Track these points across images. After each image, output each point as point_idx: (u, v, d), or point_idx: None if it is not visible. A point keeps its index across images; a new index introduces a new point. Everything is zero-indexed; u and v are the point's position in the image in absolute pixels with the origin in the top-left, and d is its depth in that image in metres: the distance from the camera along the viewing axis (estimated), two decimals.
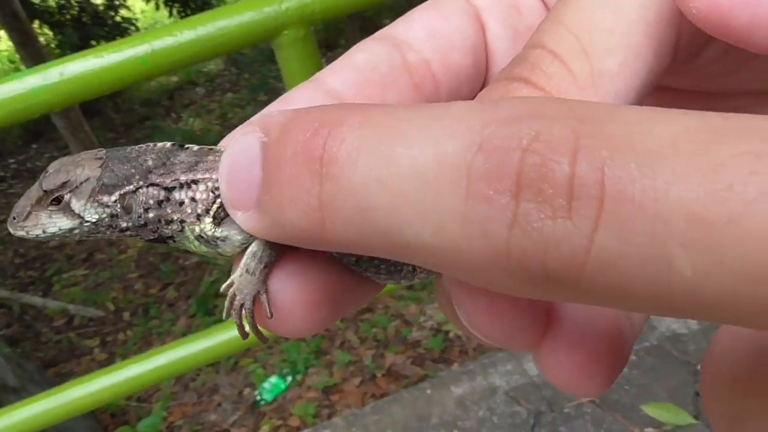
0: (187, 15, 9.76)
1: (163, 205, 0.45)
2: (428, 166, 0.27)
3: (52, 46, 10.06)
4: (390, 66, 0.45)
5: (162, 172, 0.45)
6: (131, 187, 0.45)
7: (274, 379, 4.51)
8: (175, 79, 11.75)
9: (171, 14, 10.23)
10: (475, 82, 0.48)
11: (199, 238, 0.46)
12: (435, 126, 0.28)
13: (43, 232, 0.47)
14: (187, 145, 0.47)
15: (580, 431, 2.38)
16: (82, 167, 0.46)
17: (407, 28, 0.47)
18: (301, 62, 1.37)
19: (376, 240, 0.30)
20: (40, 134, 10.21)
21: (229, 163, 0.37)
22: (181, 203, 0.45)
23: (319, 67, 1.41)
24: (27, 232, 0.47)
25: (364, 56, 0.46)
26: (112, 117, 10.75)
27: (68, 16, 9.38)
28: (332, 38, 10.70)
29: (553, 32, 0.35)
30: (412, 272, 0.47)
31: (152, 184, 0.45)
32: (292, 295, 0.40)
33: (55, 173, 0.46)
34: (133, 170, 0.45)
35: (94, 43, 8.86)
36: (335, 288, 0.42)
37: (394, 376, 4.30)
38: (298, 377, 4.50)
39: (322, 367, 4.52)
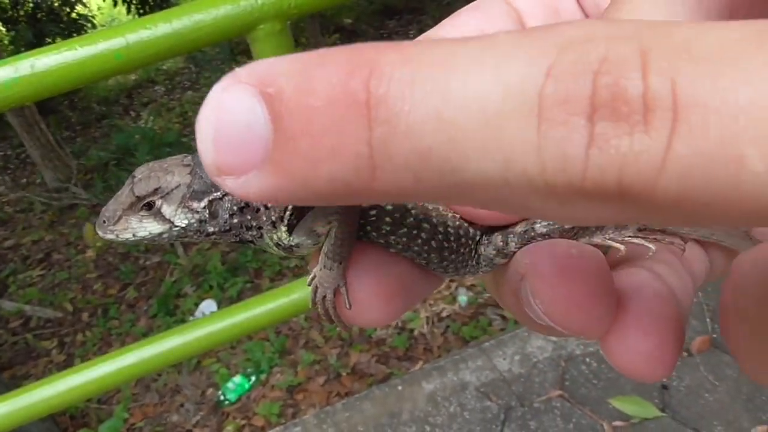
0: (145, 12, 9.61)
1: (244, 212, 0.47)
2: (491, 97, 0.26)
3: (5, 42, 9.83)
4: None
5: None
6: (219, 193, 0.46)
7: (237, 378, 4.47)
8: (133, 77, 11.57)
9: (129, 11, 10.07)
10: None
11: (277, 245, 0.48)
12: (488, 56, 0.27)
13: (134, 235, 0.48)
14: None
15: (550, 425, 2.41)
16: (172, 174, 0.47)
17: (456, 28, 0.47)
18: (277, 56, 1.37)
19: (434, 183, 0.28)
20: None
21: (213, 123, 0.31)
22: (257, 210, 0.46)
23: None
24: (117, 236, 0.49)
25: None
26: (69, 115, 10.54)
27: (22, 13, 9.17)
28: (293, 36, 10.64)
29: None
30: (476, 266, 0.48)
31: None
32: (369, 289, 0.42)
33: (146, 179, 0.47)
34: None
35: (49, 40, 8.67)
36: (405, 282, 0.43)
37: (358, 374, 4.30)
38: (262, 377, 4.48)
39: (287, 367, 4.50)
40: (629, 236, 0.46)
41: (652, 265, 0.44)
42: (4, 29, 9.62)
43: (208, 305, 5.23)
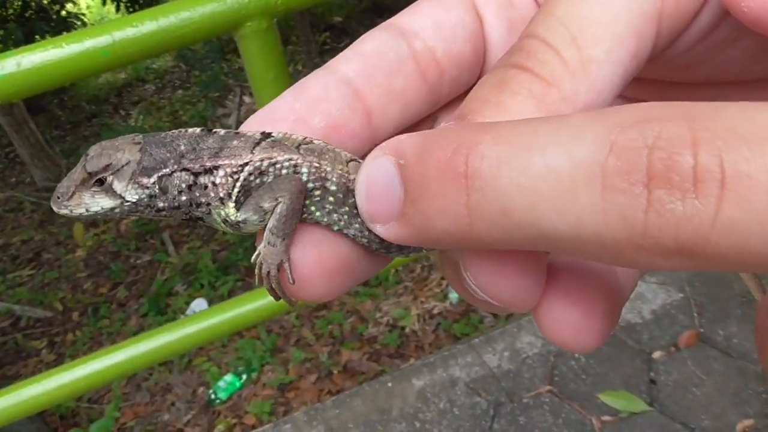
0: (135, 10, 9.56)
1: (192, 189, 0.49)
2: (563, 169, 0.32)
3: None
4: (397, 54, 0.49)
5: (192, 157, 0.49)
6: (167, 170, 0.49)
7: (228, 377, 4.47)
8: (123, 75, 11.52)
9: (118, 10, 10.02)
10: (475, 69, 0.52)
11: (224, 221, 0.50)
12: (562, 135, 0.32)
13: (87, 210, 0.51)
14: (215, 130, 0.50)
15: (539, 420, 2.43)
16: (123, 151, 0.49)
17: (413, 18, 0.50)
18: (264, 54, 1.37)
19: (517, 236, 0.34)
20: None
21: (366, 184, 0.41)
22: (206, 187, 0.48)
23: (283, 59, 1.41)
24: (71, 211, 0.51)
25: (373, 45, 0.49)
26: (58, 114, 10.50)
27: (11, 11, 9.11)
28: (283, 34, 10.62)
29: (546, 24, 0.40)
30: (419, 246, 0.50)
31: (184, 169, 0.49)
32: (311, 264, 0.45)
33: (97, 156, 0.49)
34: (168, 154, 0.49)
35: (38, 38, 8.62)
36: (347, 259, 0.47)
37: (350, 372, 4.31)
38: (254, 375, 4.48)
39: (278, 365, 4.50)
40: None
41: None
42: None
43: (199, 304, 5.22)
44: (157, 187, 0.49)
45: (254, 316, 1.80)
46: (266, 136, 0.47)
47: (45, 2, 9.44)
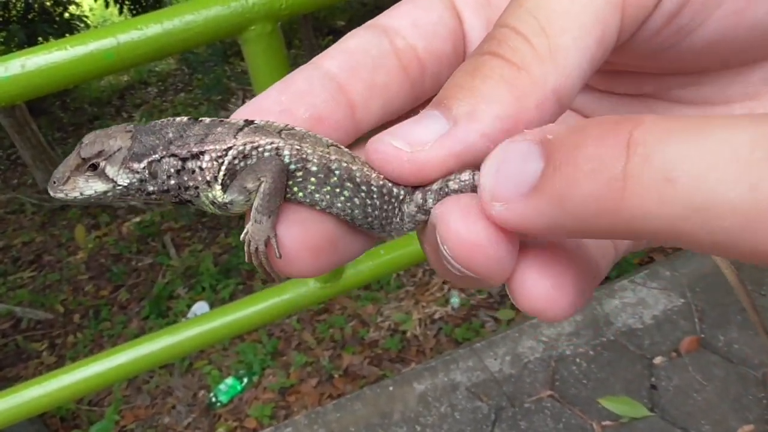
0: (138, 13, 9.59)
1: (180, 174, 0.52)
2: (741, 142, 0.31)
3: None
4: (379, 50, 0.50)
5: (179, 143, 0.51)
6: (156, 156, 0.51)
7: (229, 380, 4.47)
8: (125, 78, 11.55)
9: (121, 12, 10.04)
10: (455, 66, 0.52)
11: (212, 203, 0.52)
12: (728, 122, 0.32)
13: (81, 194, 0.54)
14: (201, 119, 0.53)
15: (540, 425, 2.42)
16: (115, 138, 0.53)
17: (394, 18, 0.52)
18: (268, 57, 1.37)
19: (676, 207, 0.33)
20: None
21: (498, 160, 0.40)
22: (193, 171, 0.51)
23: (286, 62, 1.41)
24: (66, 194, 0.54)
25: (356, 42, 0.51)
26: (60, 116, 10.51)
27: (13, 12, 9.12)
28: (286, 38, 10.64)
29: (516, 14, 0.42)
30: (400, 224, 0.52)
31: (172, 155, 0.51)
32: (297, 241, 0.47)
33: (91, 144, 0.53)
34: (157, 141, 0.51)
35: (41, 40, 8.63)
36: (331, 236, 0.48)
37: (351, 376, 4.30)
38: (254, 378, 4.47)
39: (279, 368, 4.49)
40: None
41: None
42: None
43: (201, 307, 5.22)
44: (147, 172, 0.52)
45: (256, 319, 1.80)
46: (249, 123, 0.50)
47: (48, 4, 9.46)
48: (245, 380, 4.46)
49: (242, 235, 0.50)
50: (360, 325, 4.71)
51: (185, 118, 0.53)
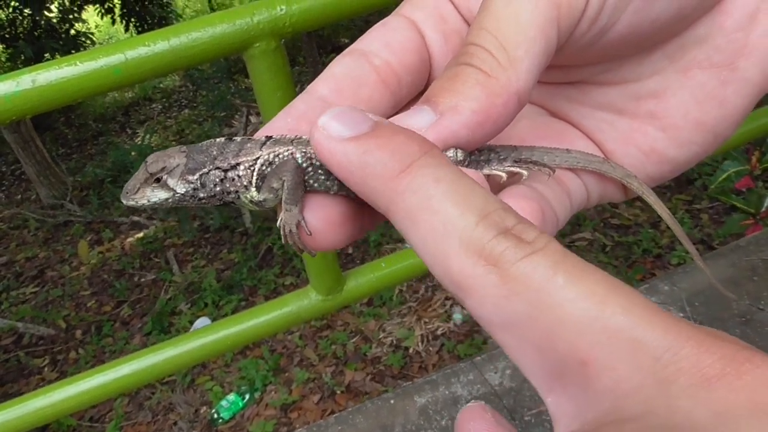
0: (144, 30, 9.66)
1: (223, 182, 0.65)
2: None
3: (2, 59, 9.87)
4: (360, 70, 0.61)
5: (221, 158, 0.65)
6: (206, 169, 0.65)
7: (231, 396, 4.46)
8: (130, 94, 11.62)
9: (127, 29, 10.13)
10: (424, 75, 0.65)
11: (251, 202, 0.65)
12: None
13: (148, 201, 0.67)
14: (234, 138, 0.66)
15: None
16: (173, 157, 0.66)
17: (368, 42, 0.63)
18: (272, 73, 1.40)
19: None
20: None
21: (346, 110, 0.51)
22: (233, 179, 0.65)
23: (290, 78, 1.44)
24: (136, 202, 0.67)
25: (340, 67, 0.62)
26: (65, 132, 10.58)
27: (20, 29, 9.20)
28: (291, 55, 10.71)
29: (480, 35, 0.53)
30: None
31: (217, 167, 0.65)
32: (321, 218, 0.58)
33: (155, 162, 0.66)
34: (205, 158, 0.65)
35: (48, 56, 8.70)
36: (349, 212, 0.59)
37: (353, 392, 4.30)
38: (257, 395, 4.47)
39: (281, 385, 4.49)
40: (508, 166, 0.63)
41: (529, 183, 0.61)
42: (1, 46, 9.64)
43: (203, 322, 5.23)
44: (198, 182, 0.65)
45: (258, 331, 1.81)
46: (269, 138, 0.62)
47: (54, 21, 9.55)
48: (247, 396, 4.45)
49: (278, 222, 0.62)
50: (362, 341, 4.72)
51: (223, 139, 0.66)
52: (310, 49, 9.25)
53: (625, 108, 0.67)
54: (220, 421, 4.35)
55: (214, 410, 4.43)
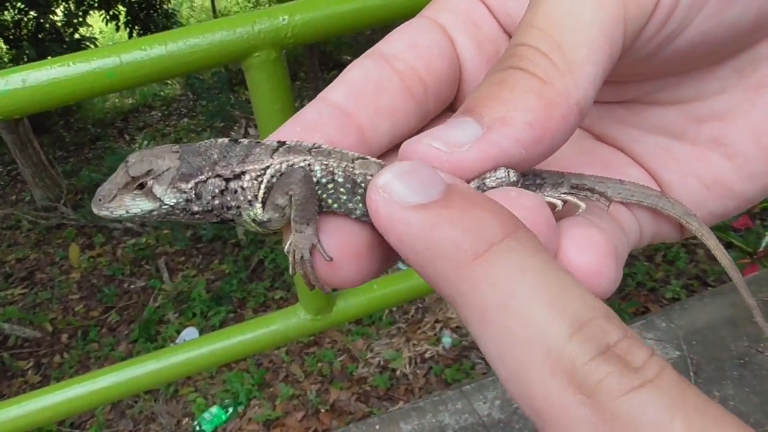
0: None
1: (224, 194, 0.54)
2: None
3: (5, 60, 9.85)
4: (380, 75, 0.52)
5: (223, 164, 0.53)
6: (203, 176, 0.53)
7: (214, 409, 4.41)
8: (130, 100, 11.61)
9: (131, 35, 10.14)
10: (454, 85, 0.56)
11: (253, 221, 0.54)
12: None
13: (127, 212, 0.55)
14: (240, 140, 0.55)
15: None
16: (163, 158, 0.54)
17: (390, 44, 0.54)
18: (271, 85, 1.36)
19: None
20: None
21: (409, 167, 0.45)
22: (235, 191, 0.53)
23: (289, 90, 1.40)
24: (111, 212, 0.55)
25: (357, 71, 0.53)
26: (63, 135, 10.54)
27: (24, 31, 9.20)
28: (291, 70, 10.73)
29: (531, 34, 0.44)
30: None
31: (217, 175, 0.53)
32: (340, 246, 0.49)
33: (139, 162, 0.53)
34: (203, 162, 0.53)
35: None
36: (371, 241, 0.49)
37: (338, 411, 4.24)
38: (240, 408, 4.41)
39: (265, 400, 4.43)
40: (564, 193, 0.53)
41: (584, 215, 0.52)
42: (5, 47, 9.65)
43: (190, 333, 5.18)
44: (193, 192, 0.53)
45: (244, 348, 1.77)
46: (282, 143, 0.52)
47: (59, 24, 9.55)
48: (230, 410, 4.39)
49: (286, 247, 0.52)
50: (349, 360, 4.66)
51: (226, 140, 0.55)
52: (312, 65, 9.26)
53: (684, 132, 0.56)
54: None
55: (196, 422, 4.36)
